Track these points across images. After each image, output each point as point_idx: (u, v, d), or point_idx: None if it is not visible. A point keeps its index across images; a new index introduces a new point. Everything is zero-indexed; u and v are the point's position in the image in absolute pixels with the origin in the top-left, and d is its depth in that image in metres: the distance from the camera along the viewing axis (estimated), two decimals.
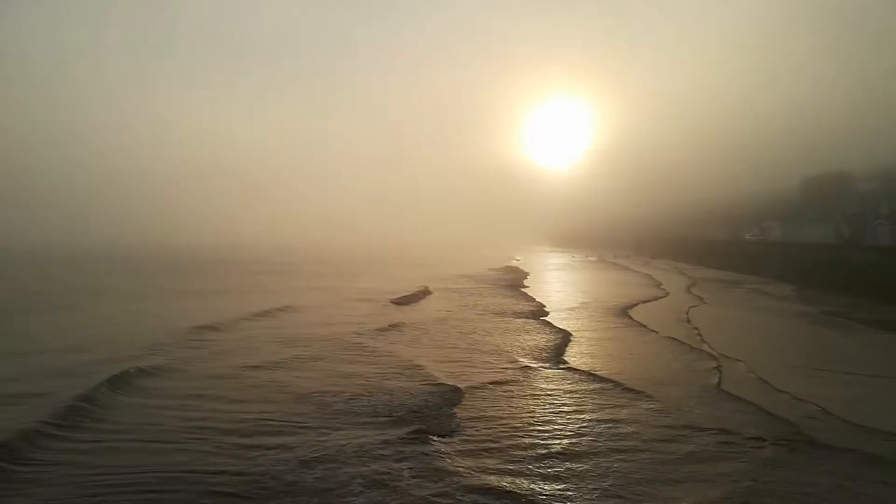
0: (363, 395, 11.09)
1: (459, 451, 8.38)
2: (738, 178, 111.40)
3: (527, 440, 8.84)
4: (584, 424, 9.52)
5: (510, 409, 10.36)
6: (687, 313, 23.67)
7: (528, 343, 16.94)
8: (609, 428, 9.32)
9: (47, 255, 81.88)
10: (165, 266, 56.40)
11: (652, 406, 10.46)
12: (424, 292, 31.20)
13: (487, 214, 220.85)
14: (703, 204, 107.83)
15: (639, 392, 11.32)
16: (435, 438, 8.80)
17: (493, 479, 7.41)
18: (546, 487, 7.20)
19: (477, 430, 9.23)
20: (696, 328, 19.88)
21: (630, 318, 22.28)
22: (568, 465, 7.87)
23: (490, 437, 8.92)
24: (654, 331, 19.36)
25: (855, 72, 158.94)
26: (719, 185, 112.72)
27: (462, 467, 7.79)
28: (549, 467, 7.81)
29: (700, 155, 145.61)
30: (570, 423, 9.55)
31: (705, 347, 16.28)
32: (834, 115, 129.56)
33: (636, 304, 26.04)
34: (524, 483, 7.33)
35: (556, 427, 9.40)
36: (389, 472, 7.58)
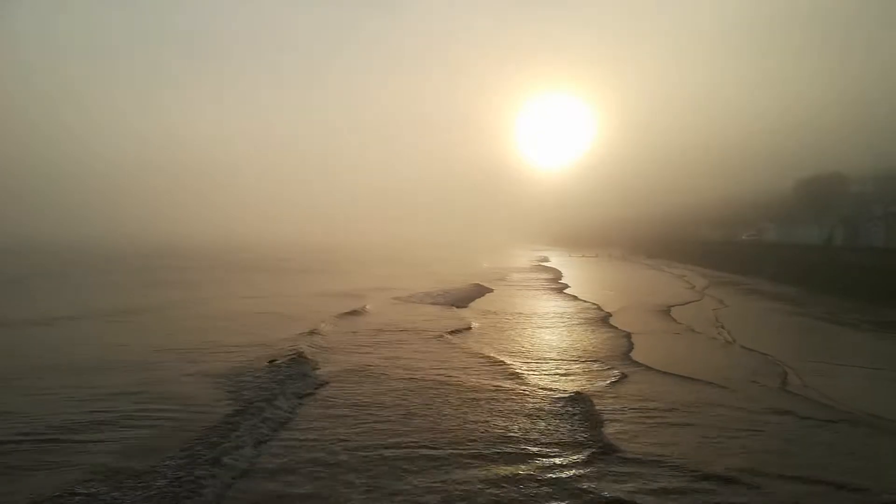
0: (504, 410, 11.83)
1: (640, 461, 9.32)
2: (734, 179, 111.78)
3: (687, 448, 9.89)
4: (731, 416, 11.51)
5: (639, 416, 11.57)
6: (716, 316, 26.30)
7: (607, 344, 19.04)
8: (737, 421, 11.39)
9: (72, 251, 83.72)
10: (192, 265, 58.51)
11: (737, 398, 12.87)
12: (476, 294, 33.53)
13: (481, 214, 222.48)
14: (698, 204, 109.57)
15: (727, 388, 13.69)
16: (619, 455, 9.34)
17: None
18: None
19: (636, 441, 10.20)
20: (728, 330, 22.31)
21: (674, 319, 24.96)
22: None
23: (654, 451, 9.65)
24: (699, 332, 22.00)
25: (850, 73, 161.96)
26: (715, 186, 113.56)
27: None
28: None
29: (696, 155, 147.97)
30: (720, 424, 11.07)
31: (749, 348, 18.78)
32: (829, 116, 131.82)
33: (673, 306, 28.62)
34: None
35: (719, 435, 10.52)
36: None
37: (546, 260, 77.60)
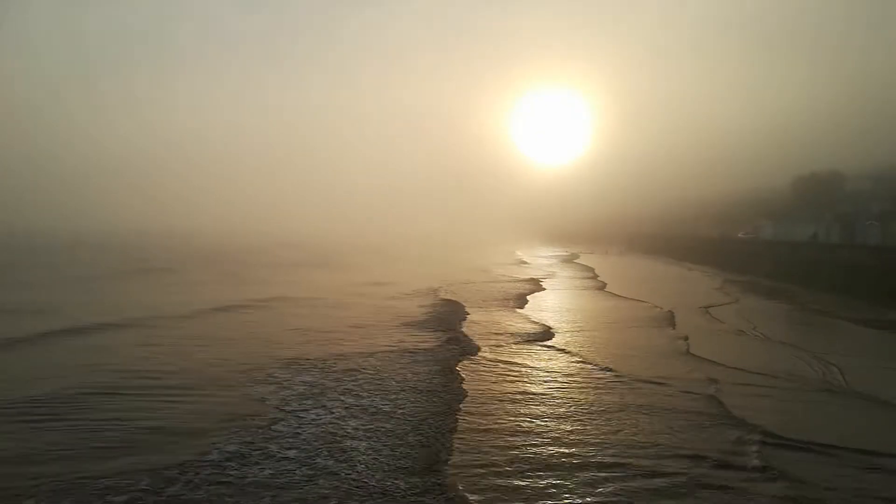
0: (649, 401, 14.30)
1: None
2: (731, 177, 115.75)
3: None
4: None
5: (751, 401, 14.71)
6: (747, 317, 28.96)
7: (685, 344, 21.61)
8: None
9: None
10: (260, 262, 61.51)
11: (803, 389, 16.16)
12: (527, 291, 36.60)
13: (479, 212, 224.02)
14: (696, 201, 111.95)
15: (792, 381, 16.95)
16: None
17: None
18: None
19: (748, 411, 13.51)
20: (758, 328, 25.68)
21: (717, 318, 28.06)
22: None
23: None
24: (742, 331, 25.17)
25: (846, 71, 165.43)
26: (712, 183, 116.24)
27: None
28: None
29: (693, 153, 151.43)
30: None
31: (793, 345, 21.92)
32: (826, 115, 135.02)
33: (711, 307, 31.50)
34: None
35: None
36: None
37: (576, 256, 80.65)
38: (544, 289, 39.13)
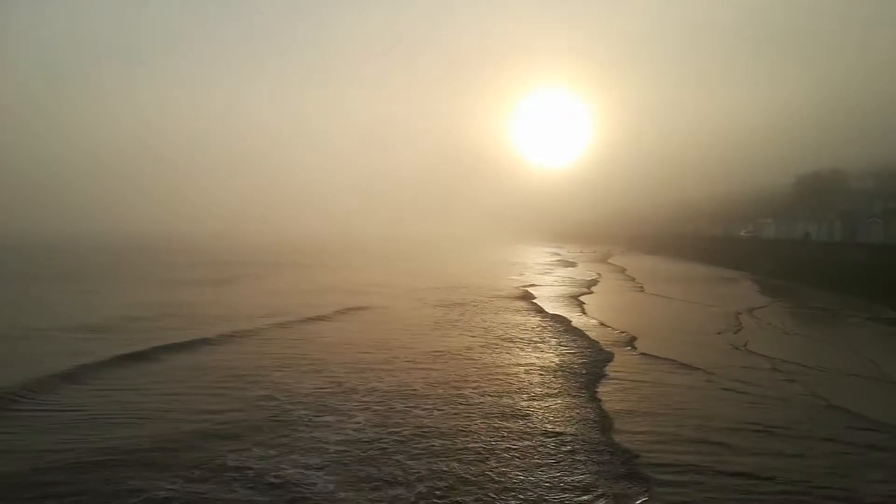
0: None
1: None
2: (733, 176, 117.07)
3: None
4: None
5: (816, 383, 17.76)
6: (784, 321, 31.62)
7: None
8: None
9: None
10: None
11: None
12: (579, 292, 39.80)
13: (478, 212, 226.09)
14: (696, 201, 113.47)
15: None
16: None
17: None
18: None
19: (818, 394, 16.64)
20: (786, 328, 28.81)
21: (759, 319, 31.10)
22: None
23: None
24: (776, 325, 28.64)
25: (846, 69, 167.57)
26: (714, 182, 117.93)
27: None
28: None
29: (694, 153, 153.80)
30: None
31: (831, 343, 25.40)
32: (828, 114, 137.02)
33: (755, 309, 34.02)
34: None
35: None
36: None
37: (609, 255, 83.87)
38: (593, 292, 41.62)
